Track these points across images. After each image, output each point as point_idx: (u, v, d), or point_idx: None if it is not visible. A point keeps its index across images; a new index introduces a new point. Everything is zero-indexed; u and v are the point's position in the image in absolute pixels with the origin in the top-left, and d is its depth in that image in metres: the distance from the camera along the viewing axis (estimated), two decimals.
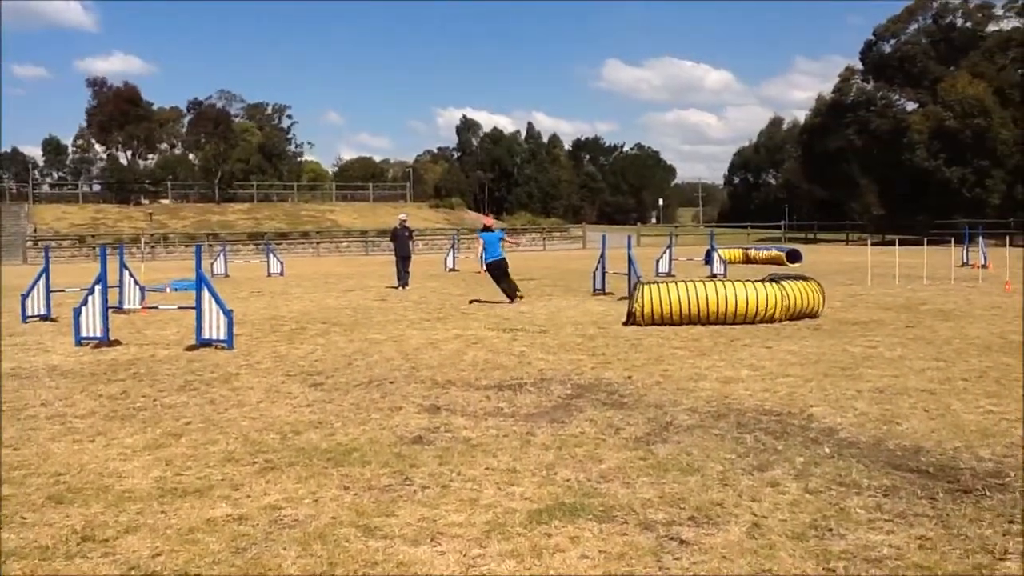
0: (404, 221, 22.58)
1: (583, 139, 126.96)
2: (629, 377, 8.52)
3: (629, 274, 16.00)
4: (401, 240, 21.91)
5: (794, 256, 30.06)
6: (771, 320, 12.41)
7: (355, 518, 4.54)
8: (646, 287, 12.71)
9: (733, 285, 12.81)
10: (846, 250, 45.75)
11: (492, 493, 4.94)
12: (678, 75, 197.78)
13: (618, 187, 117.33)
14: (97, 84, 76.32)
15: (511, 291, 16.78)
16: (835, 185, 72.47)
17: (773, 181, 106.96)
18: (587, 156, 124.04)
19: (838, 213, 70.52)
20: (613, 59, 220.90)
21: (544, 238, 61.13)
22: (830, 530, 4.31)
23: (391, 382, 8.46)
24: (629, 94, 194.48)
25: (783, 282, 12.93)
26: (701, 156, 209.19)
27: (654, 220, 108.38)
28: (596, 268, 18.47)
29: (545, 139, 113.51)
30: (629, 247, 16.80)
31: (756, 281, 13.00)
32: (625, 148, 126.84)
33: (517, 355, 10.06)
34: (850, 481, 5.08)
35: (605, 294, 17.75)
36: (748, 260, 31.63)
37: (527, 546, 4.14)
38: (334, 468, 5.49)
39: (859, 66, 67.01)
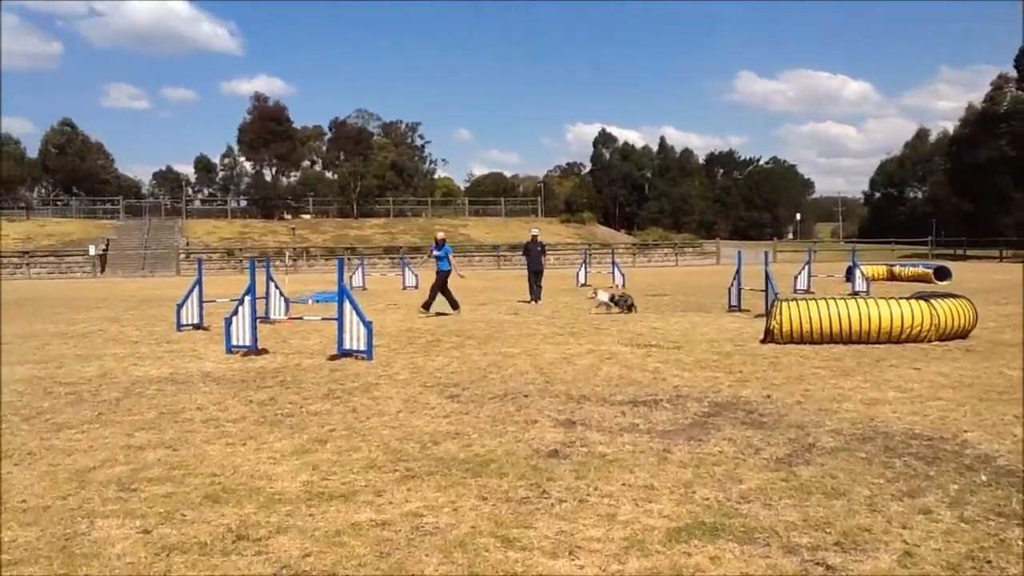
0: (536, 236, 22.74)
1: (716, 153, 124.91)
2: (768, 396, 8.32)
3: (766, 291, 15.64)
4: (533, 255, 22.08)
5: (942, 273, 28.69)
6: (919, 340, 11.88)
7: (494, 528, 4.60)
8: (785, 304, 12.39)
9: (877, 303, 12.32)
10: (998, 267, 43.34)
11: (630, 509, 4.92)
12: (814, 86, 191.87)
13: (752, 201, 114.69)
14: (259, 99, 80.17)
15: (429, 302, 18.32)
16: (985, 199, 68.75)
17: (918, 195, 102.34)
18: (720, 170, 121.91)
19: (988, 228, 66.75)
20: (746, 71, 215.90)
21: (676, 253, 60.40)
22: (988, 562, 4.09)
23: (526, 395, 8.53)
24: (763, 106, 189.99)
25: (932, 300, 12.36)
26: (839, 169, 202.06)
27: (790, 235, 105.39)
28: (731, 284, 18.12)
29: (677, 153, 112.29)
30: (766, 263, 16.42)
31: (902, 299, 12.46)
32: (760, 162, 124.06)
33: (651, 371, 9.97)
34: (1010, 511, 4.81)
35: (741, 311, 17.39)
36: (892, 277, 30.41)
37: (666, 564, 4.10)
38: (472, 478, 5.57)
39: (1012, 73, 63.49)
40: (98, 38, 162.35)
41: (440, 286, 18.55)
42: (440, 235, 19.96)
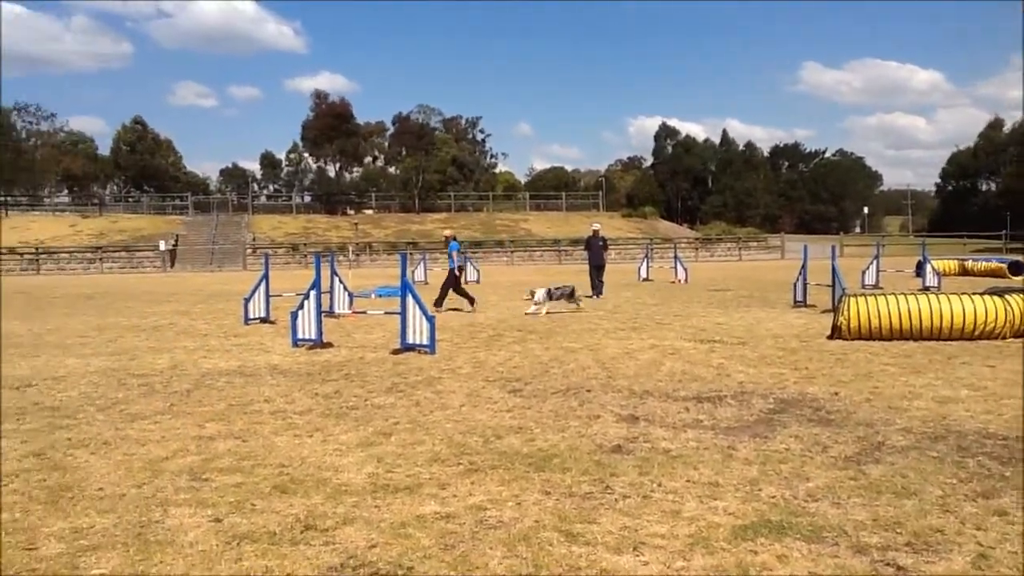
0: (597, 230, 22.67)
1: (781, 145, 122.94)
2: (836, 393, 8.17)
3: (833, 286, 15.37)
4: (595, 249, 22.04)
5: (1018, 268, 27.84)
6: (993, 337, 11.56)
7: (558, 523, 4.61)
8: (853, 299, 12.15)
9: (949, 298, 12.02)
10: None
11: (694, 506, 4.88)
12: (882, 76, 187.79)
13: (818, 195, 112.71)
14: (319, 97, 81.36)
15: (441, 300, 18.46)
16: None
17: (992, 187, 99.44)
18: (785, 163, 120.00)
19: None
20: (811, 62, 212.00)
21: (740, 248, 59.66)
22: None
23: (588, 390, 8.51)
24: (829, 98, 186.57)
25: (1006, 296, 12.01)
26: (908, 161, 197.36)
27: (858, 229, 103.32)
28: (797, 279, 17.82)
29: (740, 146, 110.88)
30: (833, 257, 16.13)
31: (976, 294, 12.13)
32: (826, 154, 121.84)
33: (715, 367, 9.87)
34: None
35: (806, 306, 17.10)
36: (965, 272, 29.61)
37: (732, 562, 4.06)
38: (535, 473, 5.58)
39: None
40: (166, 38, 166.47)
41: (451, 284, 18.69)
42: (447, 233, 19.85)
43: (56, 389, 8.99)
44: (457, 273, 18.91)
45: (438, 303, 18.26)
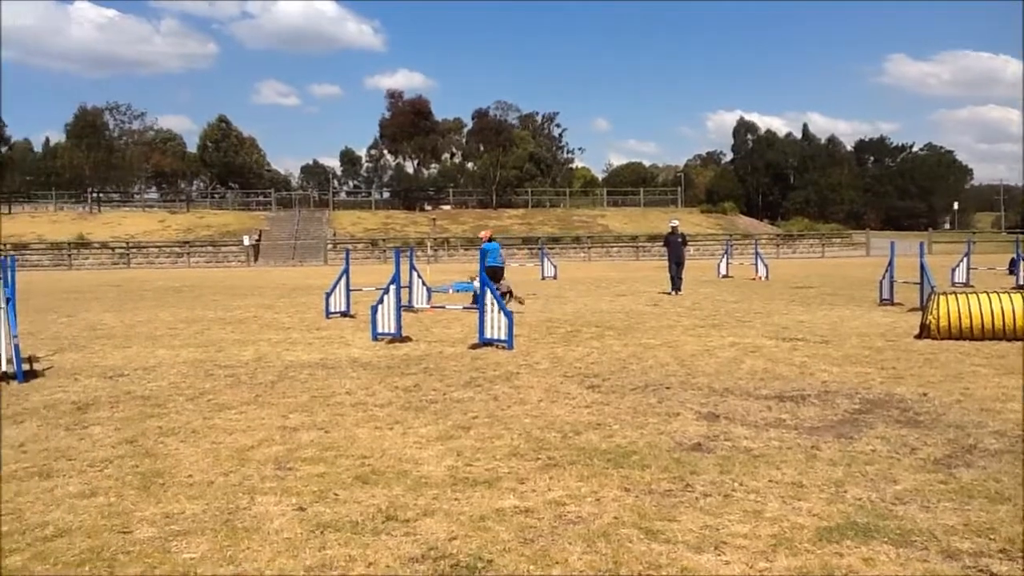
0: (676, 226, 22.41)
1: (866, 139, 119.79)
2: (924, 394, 7.94)
3: (922, 283, 14.93)
4: (674, 246, 21.81)
5: None
6: None
7: (637, 520, 4.58)
8: (942, 298, 11.78)
9: None
10: None
11: (777, 506, 4.79)
12: (972, 68, 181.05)
13: (906, 190, 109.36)
14: (394, 97, 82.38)
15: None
16: None
17: None
18: (871, 158, 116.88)
19: None
20: (897, 54, 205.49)
21: (823, 244, 58.39)
22: None
23: (667, 387, 8.43)
24: (916, 90, 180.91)
25: None
26: (1001, 155, 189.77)
27: (947, 225, 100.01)
28: (883, 276, 17.35)
29: (822, 140, 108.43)
30: (922, 254, 15.66)
31: None
32: (914, 148, 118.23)
33: (798, 365, 9.68)
34: None
35: (893, 304, 16.64)
36: None
37: (817, 564, 3.98)
38: (614, 469, 5.56)
39: None
40: (250, 39, 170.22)
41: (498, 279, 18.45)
42: (483, 233, 19.70)
43: (147, 379, 9.30)
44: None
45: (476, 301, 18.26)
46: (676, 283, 21.14)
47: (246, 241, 52.72)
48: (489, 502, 4.91)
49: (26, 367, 9.39)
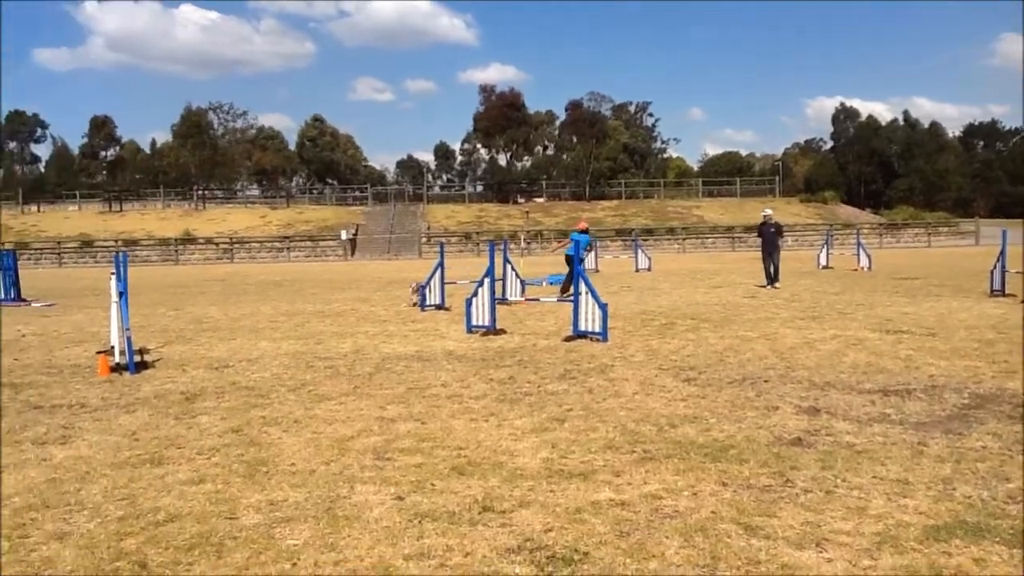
0: (769, 216, 21.82)
1: (976, 123, 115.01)
2: None
3: None
4: (767, 236, 21.27)
5: None
6: None
7: (735, 515, 4.51)
8: None
9: None
10: None
11: (882, 503, 4.65)
12: None
13: (1018, 176, 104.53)
14: (486, 91, 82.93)
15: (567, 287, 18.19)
16: None
17: None
18: (980, 143, 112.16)
19: None
20: (1009, 33, 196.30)
21: (929, 234, 56.35)
22: None
23: (765, 381, 8.27)
24: None
25: None
26: None
27: None
28: (994, 266, 16.63)
29: (927, 125, 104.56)
30: None
31: None
32: None
33: (903, 359, 9.37)
34: None
35: (1004, 296, 15.94)
36: None
37: (924, 563, 3.85)
38: (711, 463, 5.48)
39: None
40: (347, 37, 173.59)
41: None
42: (580, 224, 19.56)
43: (251, 370, 9.59)
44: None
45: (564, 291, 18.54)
46: (772, 275, 20.64)
47: (344, 235, 53.85)
48: (584, 494, 4.90)
49: (137, 359, 9.79)
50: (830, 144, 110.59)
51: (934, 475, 5.15)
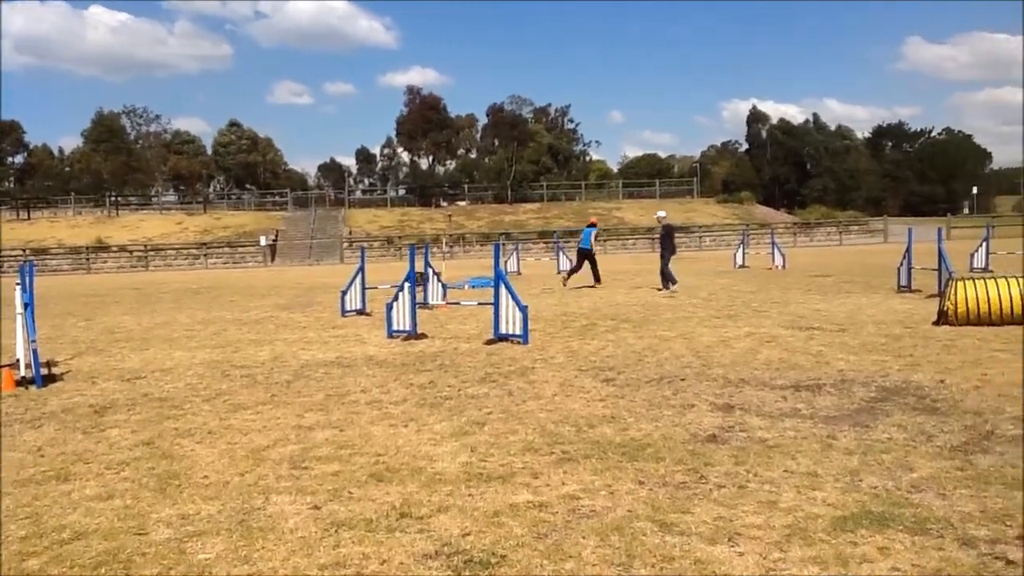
0: (661, 218, 21.53)
1: (885, 125, 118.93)
2: (942, 381, 7.88)
3: (940, 270, 14.84)
4: (662, 238, 20.96)
5: None
6: None
7: (651, 513, 4.57)
8: (960, 284, 11.68)
9: None
10: None
11: (792, 497, 4.77)
12: (991, 50, 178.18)
13: (925, 175, 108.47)
14: (413, 93, 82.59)
15: (597, 275, 21.88)
16: None
17: None
18: (889, 143, 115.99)
19: None
20: (914, 37, 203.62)
21: (840, 232, 58.02)
22: None
23: (682, 379, 8.41)
24: (934, 74, 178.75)
25: None
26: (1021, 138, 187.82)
27: (966, 210, 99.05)
28: (901, 263, 17.22)
29: (838, 127, 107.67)
30: (940, 240, 15.54)
31: None
32: (933, 133, 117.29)
33: (814, 354, 9.63)
34: None
35: (911, 291, 16.51)
36: None
37: (831, 554, 3.96)
38: (628, 462, 5.55)
39: None
40: (264, 38, 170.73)
41: (591, 260, 22.05)
42: (592, 219, 21.15)
43: (164, 381, 9.36)
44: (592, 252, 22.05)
45: (597, 278, 21.72)
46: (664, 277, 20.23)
47: (263, 241, 52.96)
48: (503, 497, 4.91)
49: (45, 372, 9.47)
50: (746, 146, 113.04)
51: (842, 467, 5.30)
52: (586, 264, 22.05)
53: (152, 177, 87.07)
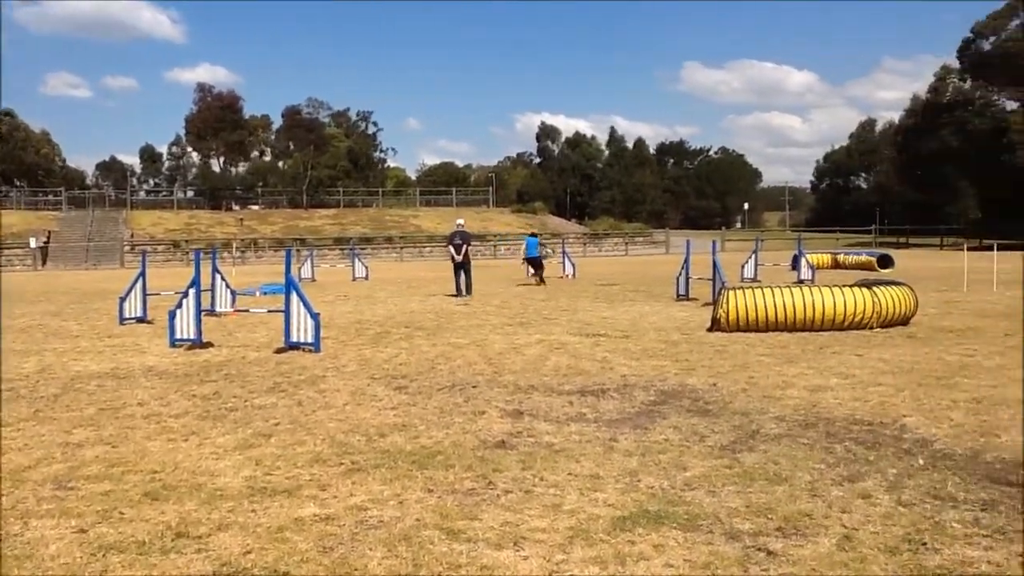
0: (460, 226, 21.80)
1: (667, 143, 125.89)
2: (714, 384, 8.40)
3: (714, 279, 15.81)
4: (455, 245, 21.11)
5: (885, 261, 29.30)
6: (862, 327, 12.09)
7: (439, 521, 4.58)
8: (731, 292, 12.52)
9: (821, 291, 12.52)
10: (940, 255, 44.34)
11: (575, 499, 4.93)
12: (759, 77, 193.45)
13: (703, 191, 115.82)
14: (204, 91, 78.90)
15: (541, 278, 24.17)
16: (931, 188, 70.10)
17: (864, 185, 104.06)
18: (671, 160, 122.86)
19: (932, 218, 68.08)
20: (692, 61, 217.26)
21: (626, 243, 60.77)
22: (924, 544, 4.17)
23: (474, 386, 8.51)
24: (709, 97, 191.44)
25: (875, 288, 12.58)
26: (786, 159, 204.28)
27: (739, 224, 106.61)
28: (680, 273, 18.27)
29: (630, 143, 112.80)
30: (714, 252, 16.59)
31: (846, 287, 12.67)
32: (710, 152, 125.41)
33: (600, 361, 10.02)
34: (945, 494, 4.91)
35: (689, 300, 17.54)
36: (837, 265, 30.96)
37: (610, 553, 4.12)
38: (418, 471, 5.54)
39: (956, 64, 64.96)
40: (35, 24, 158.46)
41: (538, 266, 24.62)
42: (533, 231, 23.87)
43: None
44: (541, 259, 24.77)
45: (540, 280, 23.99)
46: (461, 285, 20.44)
47: (33, 243, 49.00)
48: (288, 512, 4.77)
49: None
50: (539, 159, 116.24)
51: (623, 468, 5.53)
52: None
53: None
